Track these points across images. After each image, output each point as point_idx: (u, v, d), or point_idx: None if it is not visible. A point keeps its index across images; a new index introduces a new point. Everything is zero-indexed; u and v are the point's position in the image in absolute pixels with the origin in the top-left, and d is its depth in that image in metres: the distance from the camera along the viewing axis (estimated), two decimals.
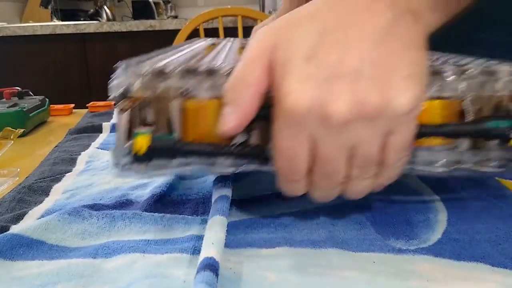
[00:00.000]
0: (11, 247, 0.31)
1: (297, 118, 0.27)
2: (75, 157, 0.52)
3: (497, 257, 0.30)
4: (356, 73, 0.27)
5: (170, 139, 0.30)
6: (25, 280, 0.28)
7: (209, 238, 0.29)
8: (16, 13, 2.48)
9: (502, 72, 0.32)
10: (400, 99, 0.27)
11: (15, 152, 0.57)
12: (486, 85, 0.32)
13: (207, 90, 0.30)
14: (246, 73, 0.29)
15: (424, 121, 0.31)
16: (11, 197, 0.40)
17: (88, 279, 0.29)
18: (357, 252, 0.31)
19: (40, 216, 0.37)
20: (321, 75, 0.27)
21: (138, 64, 0.31)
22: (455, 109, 0.32)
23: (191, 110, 0.31)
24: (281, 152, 0.29)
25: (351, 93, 0.26)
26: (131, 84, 0.30)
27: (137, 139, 0.29)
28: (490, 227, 0.34)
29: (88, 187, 0.43)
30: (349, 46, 0.27)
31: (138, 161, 0.30)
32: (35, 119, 0.69)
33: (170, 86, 0.30)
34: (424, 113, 0.30)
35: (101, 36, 2.05)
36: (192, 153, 0.30)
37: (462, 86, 0.31)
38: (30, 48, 2.04)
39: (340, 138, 0.27)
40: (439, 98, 0.31)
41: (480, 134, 0.31)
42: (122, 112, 0.29)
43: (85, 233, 0.34)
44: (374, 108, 0.26)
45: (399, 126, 0.28)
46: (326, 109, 0.26)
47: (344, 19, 0.28)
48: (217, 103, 0.30)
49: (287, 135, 0.28)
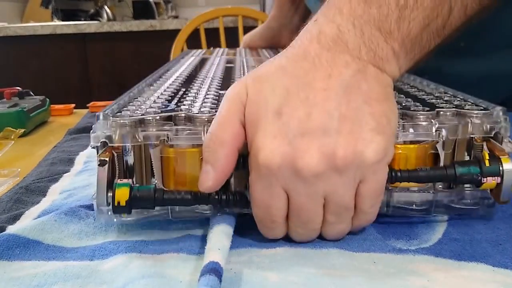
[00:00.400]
0: (7, 247, 0.31)
1: (270, 172, 0.28)
2: (73, 157, 0.52)
3: (498, 257, 0.30)
4: (323, 128, 0.28)
5: (150, 189, 0.30)
6: (21, 281, 0.28)
7: (215, 244, 0.29)
8: (16, 13, 2.49)
9: (473, 114, 0.33)
10: (368, 151, 0.28)
11: (15, 152, 0.57)
12: (459, 128, 0.32)
13: (186, 138, 0.31)
14: (219, 132, 0.30)
15: (397, 165, 0.32)
16: (8, 198, 0.40)
17: (85, 279, 0.28)
18: (358, 252, 0.31)
19: (36, 216, 0.37)
20: (291, 131, 0.28)
21: (118, 112, 0.33)
22: (428, 153, 0.33)
23: (171, 158, 0.32)
24: (257, 202, 0.30)
25: (320, 147, 0.28)
26: (111, 135, 0.31)
27: (117, 191, 0.30)
28: (490, 227, 0.33)
29: (85, 187, 0.43)
30: (315, 102, 0.28)
31: (120, 211, 0.31)
32: (36, 119, 0.69)
33: (150, 135, 0.31)
34: (397, 157, 0.32)
35: (102, 36, 2.05)
36: (172, 202, 0.31)
37: (435, 129, 0.32)
38: (30, 48, 2.04)
39: (312, 189, 0.29)
40: (412, 142, 0.32)
41: (452, 179, 0.31)
42: (101, 164, 0.30)
43: (81, 233, 0.34)
44: (343, 161, 0.28)
45: (370, 175, 0.29)
46: (296, 164, 0.28)
47: (309, 74, 0.29)
48: (196, 151, 0.31)
49: (262, 187, 0.29)
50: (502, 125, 0.32)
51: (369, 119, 0.29)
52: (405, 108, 0.34)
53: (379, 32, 0.30)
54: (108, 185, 0.30)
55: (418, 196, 0.33)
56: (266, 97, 0.29)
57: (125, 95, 0.39)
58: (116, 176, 0.32)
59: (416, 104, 0.35)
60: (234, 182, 0.33)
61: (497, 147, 0.32)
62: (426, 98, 0.38)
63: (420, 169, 0.31)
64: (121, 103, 0.36)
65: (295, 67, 0.30)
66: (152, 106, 0.35)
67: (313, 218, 0.30)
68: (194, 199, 0.31)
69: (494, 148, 0.32)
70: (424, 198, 0.33)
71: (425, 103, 0.36)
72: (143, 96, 0.39)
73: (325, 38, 0.30)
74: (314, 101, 0.28)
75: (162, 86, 0.44)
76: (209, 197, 0.31)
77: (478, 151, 0.33)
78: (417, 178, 0.31)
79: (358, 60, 0.30)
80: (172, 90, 0.42)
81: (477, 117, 0.33)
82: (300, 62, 0.30)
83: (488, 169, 0.31)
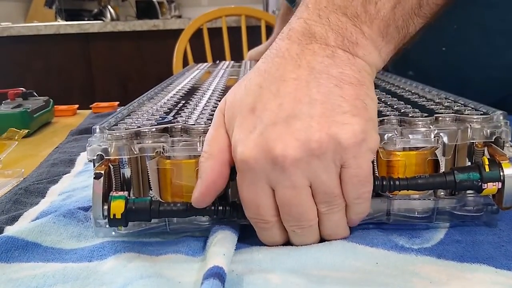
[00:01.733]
0: (6, 249, 0.31)
1: (249, 167, 0.28)
2: (74, 158, 0.52)
3: (500, 259, 0.29)
4: (294, 114, 0.28)
5: (146, 201, 0.30)
6: (20, 282, 0.28)
7: (220, 248, 0.29)
8: (20, 13, 2.50)
9: (473, 119, 0.32)
10: (342, 133, 0.28)
11: (19, 152, 0.57)
12: (458, 133, 0.32)
13: (182, 149, 0.31)
14: (206, 148, 0.31)
15: (397, 172, 0.32)
16: (7, 199, 0.40)
17: (84, 280, 0.28)
18: (360, 245, 0.31)
19: (35, 217, 0.37)
20: (263, 123, 0.28)
21: (114, 125, 0.33)
22: (427, 159, 0.32)
23: (168, 169, 0.32)
24: (246, 202, 0.30)
25: (293, 133, 0.28)
26: (107, 147, 0.31)
27: (113, 204, 0.30)
28: (492, 229, 0.33)
29: (84, 188, 0.43)
30: (286, 92, 0.29)
31: (116, 224, 0.31)
32: (40, 120, 0.69)
33: (146, 147, 0.31)
34: (396, 164, 0.32)
35: (105, 36, 2.05)
36: (168, 214, 0.31)
37: (434, 135, 0.32)
38: (34, 48, 2.05)
39: (294, 179, 0.28)
40: (411, 149, 0.32)
41: (452, 186, 0.31)
42: (97, 177, 0.30)
43: (80, 236, 0.34)
44: (318, 144, 0.28)
45: (350, 160, 0.28)
46: (272, 153, 0.28)
47: (280, 68, 0.30)
48: (193, 162, 0.31)
49: (247, 185, 0.29)
50: (502, 129, 0.32)
51: (342, 102, 0.28)
52: (404, 114, 0.33)
53: (346, 17, 0.31)
54: (104, 198, 0.30)
55: (419, 204, 0.33)
56: (241, 97, 0.30)
57: (124, 108, 0.39)
58: (113, 188, 0.32)
59: (414, 110, 0.35)
60: (231, 193, 0.33)
61: (498, 152, 0.31)
62: (426, 104, 0.37)
63: (419, 177, 0.31)
64: (119, 116, 0.36)
65: (268, 65, 0.31)
66: (150, 118, 0.35)
67: (305, 211, 0.30)
68: (190, 210, 0.31)
69: (495, 153, 0.31)
70: (425, 205, 0.33)
71: (424, 109, 0.35)
72: (142, 109, 0.39)
73: (294, 34, 0.31)
74: (285, 92, 0.29)
75: (162, 99, 0.44)
76: (205, 208, 0.31)
77: (479, 157, 0.32)
78: (416, 186, 0.31)
79: (326, 46, 0.30)
80: (172, 102, 0.42)
81: (477, 122, 0.32)
82: (272, 59, 0.31)
83: (488, 174, 0.30)
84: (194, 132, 0.32)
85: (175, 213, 0.31)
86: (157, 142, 0.31)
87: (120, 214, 0.30)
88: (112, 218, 0.30)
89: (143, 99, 0.44)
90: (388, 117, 0.33)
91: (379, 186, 0.30)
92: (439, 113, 0.33)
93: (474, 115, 0.33)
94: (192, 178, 0.31)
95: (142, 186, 0.33)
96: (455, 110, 0.34)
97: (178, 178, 0.32)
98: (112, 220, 0.30)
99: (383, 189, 0.30)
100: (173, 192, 0.32)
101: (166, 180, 0.32)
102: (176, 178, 0.32)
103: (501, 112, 0.33)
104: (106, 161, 0.31)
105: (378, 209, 0.33)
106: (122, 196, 0.30)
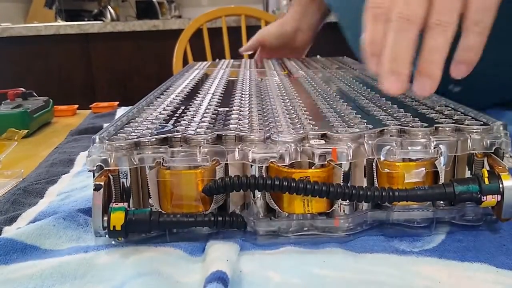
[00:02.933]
0: (5, 252, 0.31)
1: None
2: (73, 158, 0.52)
3: (502, 258, 0.29)
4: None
5: (145, 212, 0.30)
6: (18, 282, 0.28)
7: (224, 254, 0.29)
8: (20, 14, 2.50)
9: (473, 130, 0.32)
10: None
11: (19, 153, 0.57)
12: (458, 144, 0.32)
13: (182, 160, 0.31)
14: None
15: (396, 183, 0.32)
16: (5, 199, 0.40)
17: (82, 279, 0.29)
18: (361, 253, 0.31)
19: (33, 218, 0.37)
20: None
21: (114, 135, 0.33)
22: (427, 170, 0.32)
23: (168, 180, 0.32)
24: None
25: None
26: (106, 158, 0.31)
27: (112, 215, 0.30)
28: (494, 228, 0.33)
29: (83, 188, 0.42)
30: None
31: (115, 235, 0.31)
32: (39, 120, 0.69)
33: (146, 157, 0.31)
34: (395, 175, 0.32)
35: (105, 36, 2.05)
36: (168, 225, 0.31)
37: (434, 146, 0.32)
38: (34, 48, 2.05)
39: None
40: (411, 160, 0.32)
41: (451, 198, 0.31)
42: (97, 189, 0.30)
43: (79, 239, 0.33)
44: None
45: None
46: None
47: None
48: (192, 173, 0.31)
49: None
50: (502, 140, 0.32)
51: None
52: (404, 124, 0.33)
53: None
54: (104, 209, 0.30)
55: (418, 214, 0.33)
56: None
57: (123, 115, 0.39)
58: (112, 199, 0.32)
59: (414, 120, 0.35)
60: (230, 204, 0.33)
61: (498, 163, 0.31)
62: (426, 112, 0.37)
63: (418, 188, 0.31)
64: (118, 124, 0.36)
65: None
66: (149, 127, 0.35)
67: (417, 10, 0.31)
68: (190, 221, 0.31)
69: (494, 164, 0.31)
70: (424, 216, 0.33)
71: (424, 118, 0.35)
72: (141, 116, 0.39)
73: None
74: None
75: (161, 104, 0.44)
76: (204, 219, 0.31)
77: (479, 167, 0.32)
78: (416, 197, 0.31)
79: None
80: (171, 108, 0.42)
81: (476, 133, 0.32)
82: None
83: (487, 187, 0.30)
84: (194, 142, 0.32)
85: (175, 224, 0.31)
86: (157, 152, 0.31)
87: (120, 225, 0.30)
88: (112, 230, 0.30)
89: (142, 104, 0.44)
90: (388, 127, 0.33)
91: (379, 197, 0.30)
92: (439, 122, 0.33)
93: (474, 125, 0.33)
94: (192, 189, 0.31)
95: (142, 196, 0.33)
96: (455, 119, 0.34)
97: (178, 189, 0.32)
98: (112, 231, 0.30)
99: (382, 200, 0.30)
100: (173, 203, 0.32)
101: (166, 190, 0.32)
102: (176, 189, 0.32)
103: (501, 123, 0.33)
104: (106, 171, 0.31)
105: (378, 219, 0.33)
106: (122, 208, 0.30)
